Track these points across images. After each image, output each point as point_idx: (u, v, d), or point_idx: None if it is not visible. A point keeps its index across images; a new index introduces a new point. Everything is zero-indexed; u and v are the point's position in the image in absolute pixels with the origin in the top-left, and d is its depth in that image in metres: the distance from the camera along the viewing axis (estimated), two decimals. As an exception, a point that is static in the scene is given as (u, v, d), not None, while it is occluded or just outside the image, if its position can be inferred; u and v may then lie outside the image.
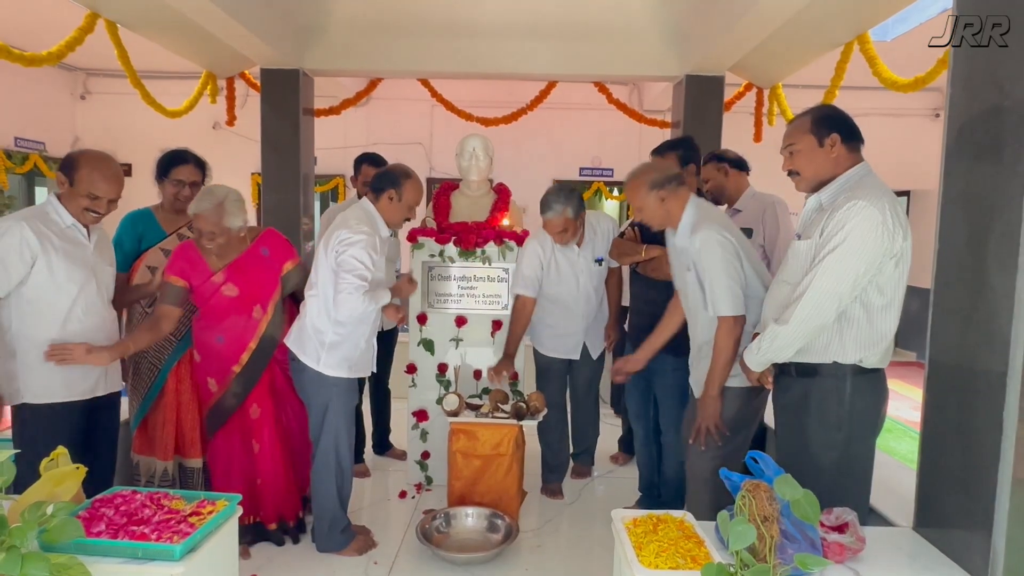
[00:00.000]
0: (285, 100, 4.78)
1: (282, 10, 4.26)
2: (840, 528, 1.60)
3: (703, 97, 4.65)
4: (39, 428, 2.11)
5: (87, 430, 2.27)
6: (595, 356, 3.20)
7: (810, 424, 1.82)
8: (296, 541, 2.66)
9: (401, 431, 3.50)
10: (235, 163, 7.36)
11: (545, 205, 2.84)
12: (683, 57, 4.60)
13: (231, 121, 5.39)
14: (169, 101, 4.93)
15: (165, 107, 4.83)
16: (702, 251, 2.11)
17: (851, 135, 1.83)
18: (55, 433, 2.07)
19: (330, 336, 2.45)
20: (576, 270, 3.01)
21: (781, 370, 1.93)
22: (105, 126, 7.37)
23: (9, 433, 2.35)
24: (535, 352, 3.23)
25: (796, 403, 1.86)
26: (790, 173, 1.92)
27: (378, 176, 2.59)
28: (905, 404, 5.32)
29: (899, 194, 7.67)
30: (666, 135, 5.47)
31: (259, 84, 4.87)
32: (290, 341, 2.52)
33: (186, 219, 2.78)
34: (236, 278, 2.48)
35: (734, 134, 4.81)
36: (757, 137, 5.14)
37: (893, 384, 1.87)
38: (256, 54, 4.44)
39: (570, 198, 2.83)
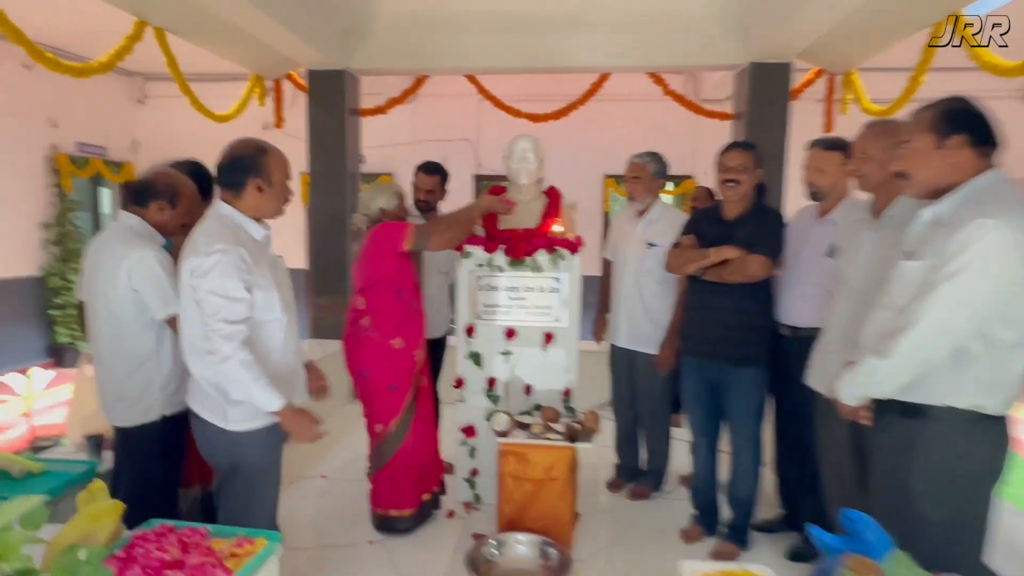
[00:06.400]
0: (332, 101, 4.74)
1: (327, 12, 4.19)
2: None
3: (768, 86, 4.34)
4: (177, 438, 2.22)
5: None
6: (642, 351, 3.15)
7: (913, 473, 1.58)
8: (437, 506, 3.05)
9: (449, 439, 3.33)
10: (285, 163, 7.35)
11: (636, 154, 3.20)
12: (747, 44, 4.29)
13: (279, 123, 5.40)
14: (222, 103, 4.97)
15: (215, 112, 4.86)
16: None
17: (983, 138, 1.55)
18: (181, 441, 2.23)
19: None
20: (630, 243, 3.17)
21: (881, 406, 1.68)
22: (163, 130, 7.53)
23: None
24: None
25: (898, 446, 1.62)
26: (897, 175, 1.67)
27: (228, 168, 1.94)
28: None
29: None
30: (725, 127, 5.13)
31: (306, 85, 4.84)
32: (188, 396, 2.01)
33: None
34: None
35: (799, 123, 4.47)
36: (828, 127, 4.77)
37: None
38: (302, 57, 4.39)
39: (658, 160, 3.17)
